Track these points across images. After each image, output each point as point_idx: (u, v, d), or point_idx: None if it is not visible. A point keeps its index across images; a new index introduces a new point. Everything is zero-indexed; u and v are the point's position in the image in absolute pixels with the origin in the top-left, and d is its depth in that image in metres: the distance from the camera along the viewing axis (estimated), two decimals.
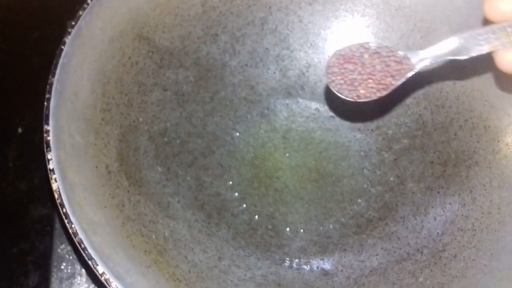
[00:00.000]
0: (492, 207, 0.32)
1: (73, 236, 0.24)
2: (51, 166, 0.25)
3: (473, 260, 0.30)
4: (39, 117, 0.28)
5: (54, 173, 0.25)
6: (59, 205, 0.24)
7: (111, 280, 0.23)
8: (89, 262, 0.23)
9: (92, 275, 0.36)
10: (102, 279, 0.23)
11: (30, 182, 0.41)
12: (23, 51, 0.45)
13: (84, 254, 0.23)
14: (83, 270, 0.36)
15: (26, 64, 0.45)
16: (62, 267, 0.37)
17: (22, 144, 0.43)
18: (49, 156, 0.25)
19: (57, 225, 0.38)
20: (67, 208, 0.24)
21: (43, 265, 0.37)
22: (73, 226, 0.24)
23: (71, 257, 0.37)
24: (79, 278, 0.36)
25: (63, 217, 0.24)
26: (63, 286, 0.36)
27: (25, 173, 0.41)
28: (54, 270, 0.37)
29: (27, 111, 0.43)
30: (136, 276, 0.25)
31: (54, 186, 0.24)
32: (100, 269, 0.23)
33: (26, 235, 0.39)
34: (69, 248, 0.37)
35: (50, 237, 0.38)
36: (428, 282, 0.30)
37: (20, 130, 0.43)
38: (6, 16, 0.46)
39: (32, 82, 0.44)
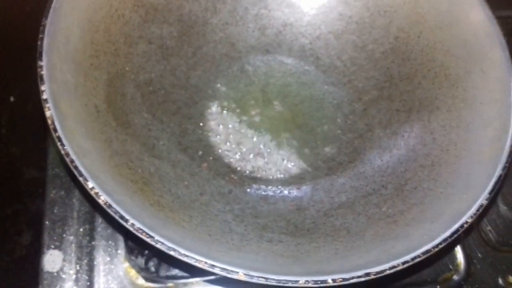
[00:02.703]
0: (450, 144, 0.34)
1: (65, 157, 0.26)
2: (44, 96, 0.27)
3: (430, 189, 0.33)
4: (30, 88, 0.30)
5: (47, 103, 0.27)
6: (52, 130, 0.27)
7: (100, 194, 0.25)
8: (80, 179, 0.26)
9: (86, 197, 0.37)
10: (92, 192, 0.26)
11: (22, 147, 0.43)
12: (15, 23, 0.47)
13: (75, 172, 0.26)
14: (74, 213, 0.38)
15: (16, 38, 0.47)
16: (55, 211, 0.39)
17: (14, 112, 0.45)
18: (42, 88, 0.27)
19: (49, 172, 0.40)
20: (60, 133, 0.26)
21: (36, 225, 0.39)
22: (65, 148, 0.26)
23: (62, 202, 0.39)
24: (70, 220, 0.38)
25: (56, 141, 0.27)
26: (56, 228, 0.38)
27: (17, 138, 0.44)
28: (48, 213, 0.39)
29: (19, 81, 0.45)
30: (123, 196, 0.28)
31: (48, 113, 0.27)
32: (90, 184, 0.26)
33: (19, 196, 0.41)
34: (61, 193, 0.40)
35: (42, 198, 0.40)
36: (390, 210, 0.33)
37: (12, 99, 0.45)
38: None
39: (23, 55, 0.46)
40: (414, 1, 0.39)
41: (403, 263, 0.26)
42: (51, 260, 0.37)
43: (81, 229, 0.38)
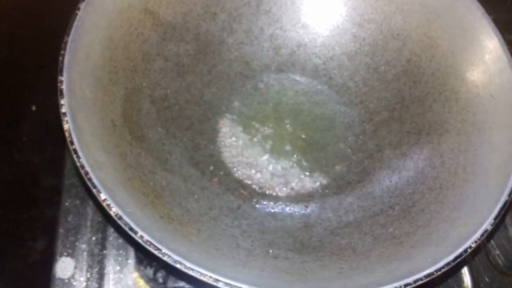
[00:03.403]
0: (458, 168, 0.35)
1: (80, 169, 0.27)
2: (63, 110, 0.28)
3: (437, 212, 0.33)
4: (52, 97, 0.32)
5: (66, 116, 0.28)
6: (69, 143, 0.28)
7: (111, 205, 0.26)
8: (93, 191, 0.27)
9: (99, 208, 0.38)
10: (104, 204, 0.27)
11: (41, 155, 0.45)
12: (36, 33, 0.49)
13: (89, 184, 0.27)
14: (88, 222, 0.40)
15: (39, 46, 0.49)
16: (69, 219, 0.40)
17: (35, 121, 0.46)
18: (62, 102, 0.29)
19: (65, 181, 0.41)
20: (76, 145, 0.28)
21: (50, 231, 0.41)
22: (80, 160, 0.27)
23: (76, 211, 0.40)
24: (83, 229, 0.40)
25: (72, 153, 0.28)
26: (69, 236, 0.40)
27: (37, 147, 0.45)
28: (61, 221, 0.40)
29: (40, 91, 0.47)
30: (134, 208, 0.29)
31: (66, 126, 0.28)
32: (102, 196, 0.27)
33: (36, 203, 0.43)
34: (76, 202, 0.41)
35: (57, 206, 0.42)
36: (396, 231, 0.33)
37: (34, 108, 0.47)
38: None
39: (46, 66, 0.48)
40: (427, 25, 0.39)
41: (406, 285, 0.26)
42: (63, 267, 0.38)
43: (94, 238, 0.39)
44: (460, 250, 0.28)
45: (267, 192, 0.38)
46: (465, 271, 0.40)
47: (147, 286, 0.37)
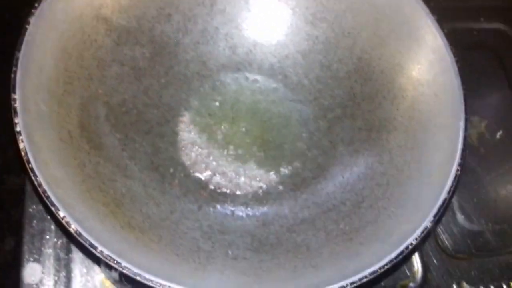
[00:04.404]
0: (404, 165, 0.37)
1: (38, 187, 0.28)
2: (18, 129, 0.29)
3: (384, 208, 0.35)
4: (9, 96, 0.32)
5: (21, 135, 0.29)
6: (25, 162, 0.29)
7: (70, 222, 0.27)
8: (52, 208, 0.28)
9: (59, 225, 0.40)
10: (63, 221, 0.27)
11: (3, 156, 0.45)
12: None
13: (47, 202, 0.28)
14: (52, 226, 0.40)
15: None
16: (33, 224, 0.41)
17: None
18: (16, 121, 0.29)
19: (28, 188, 0.42)
20: (33, 164, 0.28)
21: (18, 231, 0.41)
22: (37, 179, 0.28)
23: (40, 216, 0.41)
24: (48, 233, 0.40)
25: (29, 172, 0.28)
26: (35, 241, 0.40)
27: None
28: (26, 227, 0.41)
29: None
30: (94, 222, 0.30)
31: (21, 145, 0.29)
32: (61, 213, 0.28)
33: (2, 204, 0.43)
34: (39, 207, 0.41)
35: (23, 205, 0.42)
36: (347, 227, 0.35)
37: None
38: None
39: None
40: (375, 25, 0.41)
41: (351, 283, 0.28)
42: (31, 273, 0.39)
43: (59, 242, 0.40)
44: (401, 247, 0.30)
45: (227, 191, 0.40)
46: (415, 255, 0.42)
47: (113, 287, 0.38)
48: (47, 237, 0.40)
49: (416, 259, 0.42)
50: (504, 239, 0.45)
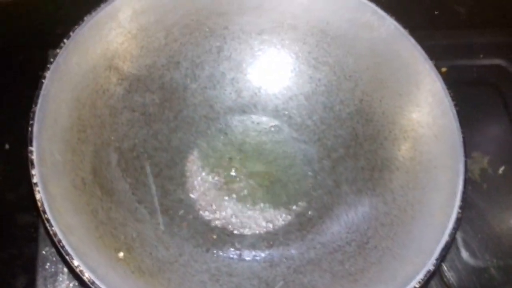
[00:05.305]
0: (407, 205, 0.38)
1: (53, 236, 0.29)
2: (35, 180, 0.30)
3: (389, 249, 0.36)
4: (24, 134, 0.33)
5: (37, 186, 0.30)
6: (41, 212, 0.30)
7: (84, 271, 0.29)
8: (67, 257, 0.29)
9: (72, 273, 0.41)
10: (77, 270, 0.29)
11: (17, 193, 0.46)
12: (8, 75, 0.50)
13: (62, 251, 0.29)
14: (65, 268, 0.41)
15: (11, 86, 0.50)
16: (47, 267, 0.42)
17: (9, 159, 0.48)
18: (33, 172, 0.31)
19: (41, 230, 0.43)
20: (48, 214, 0.30)
21: (30, 268, 0.42)
22: (53, 228, 0.29)
23: (54, 258, 0.42)
24: (61, 275, 0.41)
25: (45, 221, 0.30)
26: (48, 284, 0.41)
27: (12, 185, 0.46)
28: (39, 269, 0.42)
29: (13, 129, 0.48)
30: (107, 268, 0.31)
31: (38, 196, 0.30)
32: (75, 262, 0.29)
33: (14, 241, 0.44)
34: (52, 250, 0.43)
35: (35, 242, 0.43)
36: (352, 268, 0.36)
37: (7, 146, 0.48)
38: None
39: (17, 103, 0.49)
40: (376, 68, 0.42)
41: None
42: None
43: (71, 285, 0.41)
44: None
45: (235, 232, 0.41)
46: None
47: None
48: (60, 279, 0.41)
49: None
50: (508, 274, 0.45)
